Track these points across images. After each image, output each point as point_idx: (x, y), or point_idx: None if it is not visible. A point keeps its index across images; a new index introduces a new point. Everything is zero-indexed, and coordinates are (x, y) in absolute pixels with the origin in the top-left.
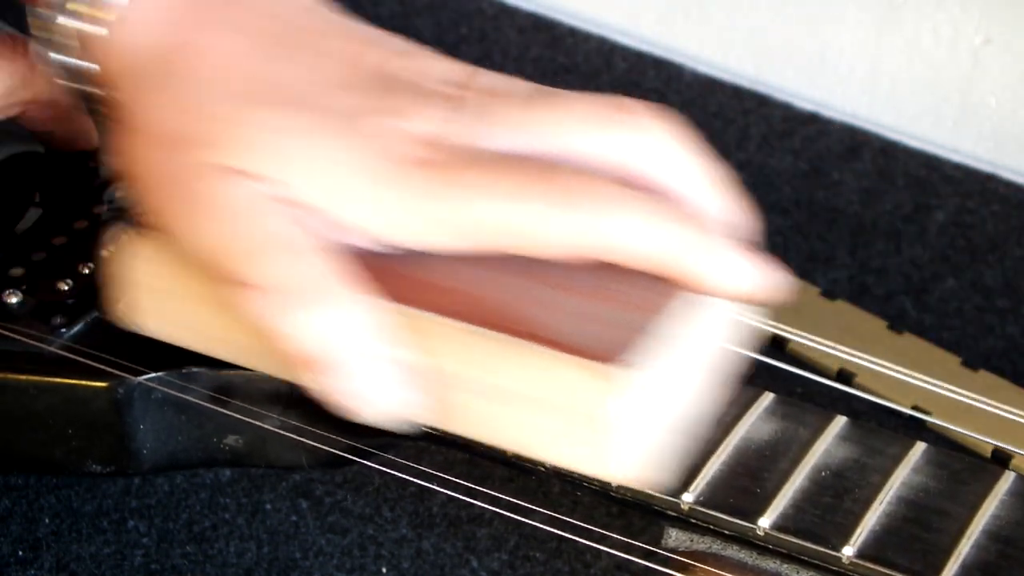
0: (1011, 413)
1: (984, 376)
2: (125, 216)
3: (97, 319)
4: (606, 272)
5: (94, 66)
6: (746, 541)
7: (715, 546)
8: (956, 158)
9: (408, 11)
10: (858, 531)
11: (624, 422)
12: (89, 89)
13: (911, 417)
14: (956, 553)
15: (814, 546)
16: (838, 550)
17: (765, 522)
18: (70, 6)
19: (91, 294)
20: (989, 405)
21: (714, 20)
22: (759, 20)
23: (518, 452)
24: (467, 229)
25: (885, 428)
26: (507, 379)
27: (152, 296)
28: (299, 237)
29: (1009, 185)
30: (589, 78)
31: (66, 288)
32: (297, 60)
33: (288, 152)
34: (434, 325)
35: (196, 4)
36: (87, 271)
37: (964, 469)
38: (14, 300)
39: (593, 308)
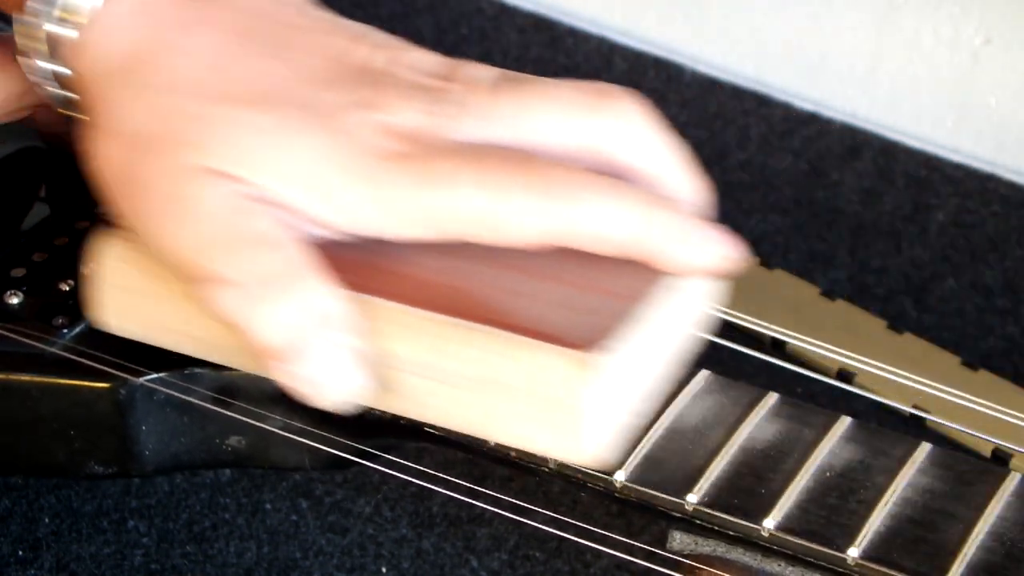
0: (1011, 414)
1: (984, 376)
2: (101, 217)
3: None
4: (572, 258)
5: (66, 70)
6: (751, 543)
7: (720, 549)
8: (956, 158)
9: (408, 11)
10: (863, 532)
11: (597, 407)
12: (64, 93)
13: (911, 416)
14: (961, 555)
15: (819, 547)
16: (843, 551)
17: (770, 523)
18: (50, 12)
19: None
20: (989, 407)
21: (714, 20)
22: (759, 20)
23: (485, 437)
24: (439, 220)
25: (887, 428)
26: (478, 367)
27: (120, 295)
28: (274, 232)
29: (1009, 185)
30: (589, 78)
31: (68, 289)
32: (278, 57)
33: (263, 151)
34: (400, 314)
35: (171, 3)
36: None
37: (969, 470)
38: (15, 301)
39: (561, 294)
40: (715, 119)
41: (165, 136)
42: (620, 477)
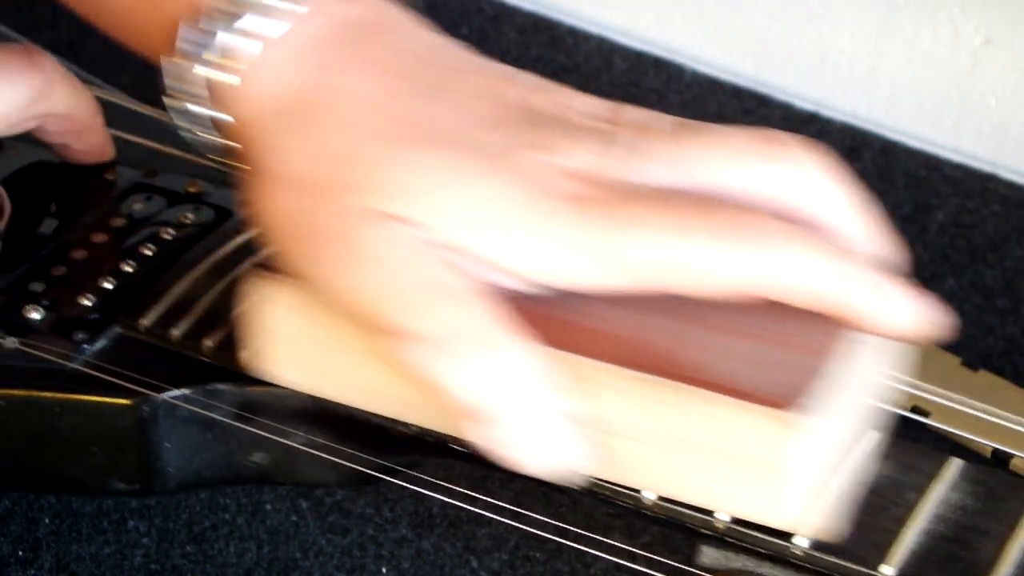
0: (1011, 416)
1: (984, 376)
2: (263, 263)
3: (120, 335)
4: (765, 313)
5: (227, 117)
6: (783, 560)
7: (750, 564)
8: (956, 158)
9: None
10: (896, 550)
11: (803, 469)
12: (222, 141)
13: (911, 418)
14: (995, 572)
15: (852, 565)
16: (876, 569)
17: (803, 541)
18: (205, 56)
19: (113, 309)
20: (989, 409)
21: (714, 20)
22: (759, 20)
23: (688, 500)
24: (629, 267)
25: (903, 441)
26: (678, 426)
27: (288, 344)
28: (456, 282)
29: (1009, 185)
30: (589, 78)
31: (88, 303)
32: (442, 97)
33: (440, 194)
34: (598, 372)
35: (331, 46)
36: (109, 285)
37: (1001, 486)
38: (35, 315)
39: (760, 351)
40: (715, 119)
41: (333, 180)
42: (650, 496)
